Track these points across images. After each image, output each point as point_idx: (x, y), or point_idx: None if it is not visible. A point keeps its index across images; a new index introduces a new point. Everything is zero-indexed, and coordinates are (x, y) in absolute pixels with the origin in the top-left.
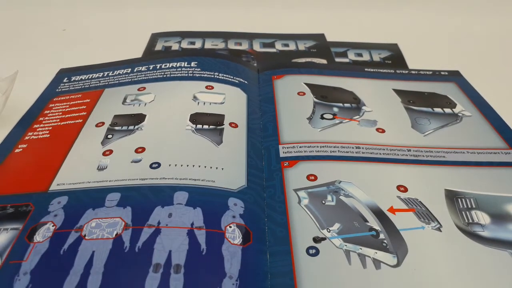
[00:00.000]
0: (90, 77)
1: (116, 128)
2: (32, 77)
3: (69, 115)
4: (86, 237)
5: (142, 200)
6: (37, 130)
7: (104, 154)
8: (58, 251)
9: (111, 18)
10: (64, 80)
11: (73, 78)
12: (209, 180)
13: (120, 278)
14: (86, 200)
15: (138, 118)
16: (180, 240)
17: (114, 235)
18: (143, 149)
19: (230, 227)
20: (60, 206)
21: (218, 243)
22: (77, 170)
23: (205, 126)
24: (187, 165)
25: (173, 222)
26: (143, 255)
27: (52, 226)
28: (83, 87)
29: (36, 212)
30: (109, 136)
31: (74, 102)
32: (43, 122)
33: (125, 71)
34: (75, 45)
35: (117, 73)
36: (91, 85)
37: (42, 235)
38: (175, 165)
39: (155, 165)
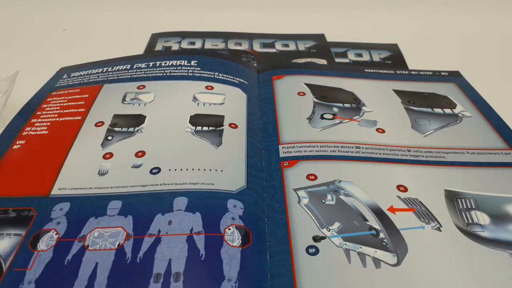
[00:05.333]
0: (89, 73)
1: (116, 129)
2: (33, 77)
3: (68, 111)
4: (90, 248)
5: (143, 208)
6: (35, 125)
7: (104, 157)
8: (62, 261)
9: (111, 19)
10: (64, 76)
11: (72, 74)
12: (208, 183)
13: None
14: (88, 207)
15: (138, 120)
16: (180, 247)
17: (116, 246)
18: (143, 153)
19: (229, 229)
20: (62, 213)
21: (217, 246)
22: (78, 174)
23: (205, 128)
24: (187, 169)
25: (173, 229)
26: (144, 265)
27: (55, 234)
28: (81, 82)
29: (38, 218)
30: (109, 137)
31: (72, 97)
32: (41, 116)
33: (124, 67)
34: (75, 45)
35: (116, 69)
36: (89, 80)
37: (46, 244)
38: (175, 169)
39: (155, 171)
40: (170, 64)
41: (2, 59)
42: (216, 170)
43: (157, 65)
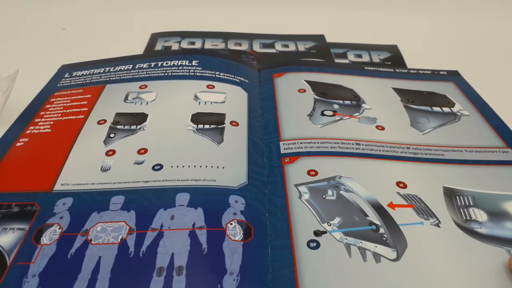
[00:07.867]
0: (91, 73)
1: (118, 127)
2: (33, 77)
3: (71, 110)
4: (93, 242)
5: (146, 204)
6: (39, 124)
7: (107, 154)
8: (66, 255)
9: (111, 18)
10: (66, 75)
11: (74, 73)
12: (210, 180)
13: (126, 284)
14: (90, 202)
15: (140, 118)
16: (182, 241)
17: (119, 240)
18: (146, 150)
19: (231, 224)
20: (65, 208)
21: (219, 241)
22: (81, 170)
23: (206, 126)
24: (189, 166)
25: (175, 224)
26: (147, 259)
27: (59, 228)
28: (84, 82)
29: (41, 212)
30: (112, 135)
31: (75, 97)
32: (45, 116)
33: (126, 67)
34: (75, 45)
35: (118, 69)
36: (92, 80)
37: (49, 238)
38: (177, 166)
39: (158, 167)
40: (171, 64)
41: (2, 58)
42: (217, 167)
43: (159, 65)
